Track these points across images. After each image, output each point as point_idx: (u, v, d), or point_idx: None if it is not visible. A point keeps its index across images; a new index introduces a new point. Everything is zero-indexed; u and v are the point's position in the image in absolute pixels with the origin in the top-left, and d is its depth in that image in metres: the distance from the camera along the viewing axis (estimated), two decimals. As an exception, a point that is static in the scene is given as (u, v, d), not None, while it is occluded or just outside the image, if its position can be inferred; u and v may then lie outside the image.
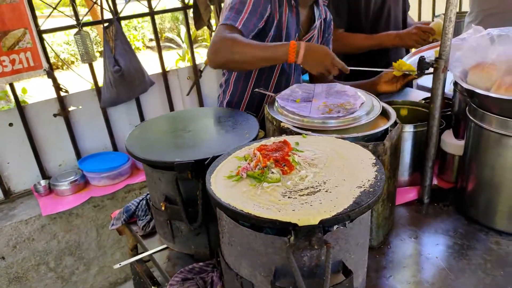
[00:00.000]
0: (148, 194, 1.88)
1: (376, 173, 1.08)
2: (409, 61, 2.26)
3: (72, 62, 9.80)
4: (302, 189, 1.04)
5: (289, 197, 1.01)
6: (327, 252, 0.94)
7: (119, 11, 3.08)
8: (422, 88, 2.46)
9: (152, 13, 3.30)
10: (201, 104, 3.69)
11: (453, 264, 1.43)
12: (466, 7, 4.05)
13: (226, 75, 2.22)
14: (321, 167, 1.13)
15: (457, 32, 3.95)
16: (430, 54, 2.25)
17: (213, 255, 1.47)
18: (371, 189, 1.01)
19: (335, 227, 1.01)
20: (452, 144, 1.79)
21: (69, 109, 3.09)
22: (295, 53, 1.72)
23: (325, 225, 0.93)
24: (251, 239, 1.02)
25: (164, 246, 1.62)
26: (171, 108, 3.53)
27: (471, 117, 1.55)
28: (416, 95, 2.35)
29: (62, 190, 2.95)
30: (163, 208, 1.41)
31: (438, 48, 1.76)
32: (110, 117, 3.26)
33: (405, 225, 1.63)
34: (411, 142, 1.73)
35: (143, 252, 1.82)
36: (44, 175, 3.08)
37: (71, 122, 3.11)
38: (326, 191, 1.02)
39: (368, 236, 1.15)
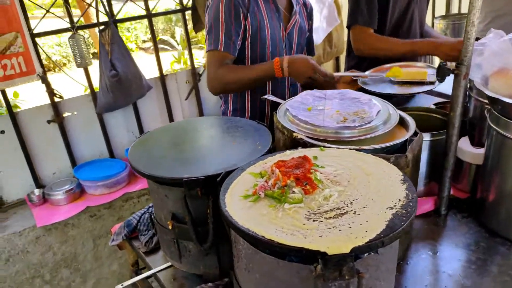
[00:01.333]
0: (150, 207, 1.78)
1: (407, 191, 1.00)
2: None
3: (64, 64, 9.64)
4: (327, 211, 0.95)
5: (314, 220, 0.92)
6: (359, 282, 0.85)
7: (115, 13, 2.97)
8: (431, 92, 2.38)
9: (149, 16, 3.20)
10: (200, 108, 3.59)
11: (477, 281, 1.35)
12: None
13: None
14: (345, 185, 1.04)
15: (458, 33, 3.88)
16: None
17: (222, 276, 1.37)
18: (403, 211, 0.93)
19: (366, 254, 0.92)
20: (470, 153, 1.70)
21: (64, 115, 2.97)
22: (280, 69, 1.85)
23: (357, 253, 0.84)
24: (273, 267, 0.93)
25: (169, 264, 1.53)
26: (170, 113, 3.43)
27: (493, 125, 1.47)
28: (425, 100, 2.28)
29: (57, 200, 2.84)
30: (170, 227, 1.31)
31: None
32: (106, 123, 3.15)
33: (423, 239, 1.55)
34: (427, 151, 1.65)
35: (145, 268, 1.73)
36: (38, 184, 2.96)
37: (66, 129, 3.00)
38: (354, 213, 0.94)
39: (397, 259, 1.07)
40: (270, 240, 0.87)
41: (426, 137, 1.63)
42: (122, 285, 1.54)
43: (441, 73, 1.44)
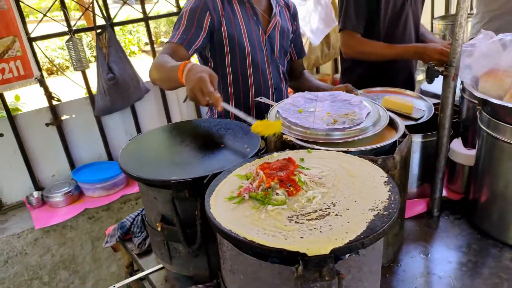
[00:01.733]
0: (144, 209, 1.79)
1: (390, 193, 1.00)
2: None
3: (67, 67, 9.68)
4: (310, 213, 0.96)
5: (296, 222, 0.93)
6: (339, 283, 0.86)
7: (112, 16, 2.99)
8: (425, 93, 2.38)
9: (146, 19, 3.22)
10: (198, 111, 3.61)
11: (467, 284, 1.34)
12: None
13: None
14: (329, 187, 1.05)
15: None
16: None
17: (213, 277, 1.38)
18: (385, 212, 0.93)
19: (347, 255, 0.92)
20: (462, 154, 1.71)
21: (62, 118, 3.00)
22: (182, 73, 1.53)
23: (337, 254, 0.85)
24: (256, 268, 0.94)
25: (161, 265, 1.53)
26: (168, 116, 3.45)
27: (483, 127, 1.47)
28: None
29: (56, 202, 2.86)
30: (159, 228, 1.32)
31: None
32: (104, 126, 3.17)
33: (415, 240, 1.55)
34: (419, 153, 1.66)
35: (138, 270, 1.74)
36: (37, 186, 2.99)
37: (64, 132, 3.02)
38: (336, 215, 0.94)
39: (381, 260, 1.07)
40: (252, 241, 0.88)
41: (418, 138, 1.63)
42: (114, 286, 1.54)
43: (430, 75, 1.44)
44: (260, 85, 2.08)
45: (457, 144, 1.75)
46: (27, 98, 5.17)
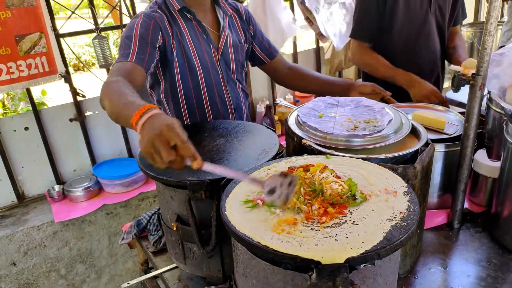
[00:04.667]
0: (160, 208, 1.80)
1: (409, 203, 0.98)
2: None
3: (93, 64, 9.86)
4: (326, 220, 0.94)
5: (311, 229, 0.91)
6: (353, 293, 0.84)
7: (138, 15, 3.02)
8: (451, 101, 2.33)
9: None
10: (218, 111, 3.61)
11: (486, 299, 1.31)
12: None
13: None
14: (346, 194, 1.03)
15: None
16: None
17: (226, 279, 1.38)
18: (403, 223, 0.91)
19: (362, 265, 0.90)
20: (486, 165, 1.66)
21: (86, 114, 3.04)
22: (140, 117, 1.13)
23: (352, 264, 0.83)
24: (268, 273, 0.93)
25: (175, 265, 1.54)
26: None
27: (509, 138, 1.43)
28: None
29: (76, 196, 2.90)
30: (174, 228, 1.32)
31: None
32: (126, 123, 3.20)
33: (433, 252, 1.52)
34: (442, 163, 1.62)
35: (153, 268, 1.75)
36: (59, 180, 3.04)
37: (87, 127, 3.07)
38: (353, 223, 0.93)
39: (398, 272, 1.05)
40: (266, 246, 0.87)
41: (441, 147, 1.59)
42: (128, 283, 1.56)
43: (456, 83, 1.40)
44: (218, 108, 1.93)
45: (481, 155, 1.71)
46: (54, 93, 5.29)
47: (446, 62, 2.58)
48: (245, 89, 2.07)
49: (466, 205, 1.68)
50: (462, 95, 1.68)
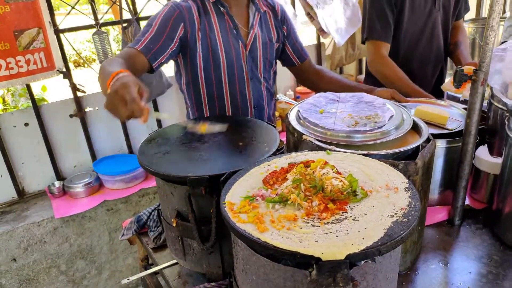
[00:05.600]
0: (160, 204, 1.80)
1: (410, 199, 0.97)
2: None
3: (94, 60, 9.84)
4: (326, 216, 0.93)
5: (312, 225, 0.91)
6: (354, 290, 0.83)
7: (138, 11, 3.01)
8: (452, 98, 2.32)
9: (171, 14, 3.23)
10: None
11: (487, 296, 1.30)
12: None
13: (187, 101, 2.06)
14: (347, 190, 1.02)
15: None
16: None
17: (226, 276, 1.37)
18: (404, 219, 0.90)
19: (362, 261, 0.90)
20: (487, 162, 1.66)
21: (86, 110, 3.04)
22: (111, 81, 1.29)
23: (352, 260, 0.82)
24: (268, 269, 0.92)
25: (175, 261, 1.53)
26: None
27: (511, 135, 1.42)
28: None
29: (76, 192, 2.90)
30: (174, 224, 1.32)
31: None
32: (126, 119, 3.20)
33: (434, 249, 1.51)
34: (443, 159, 1.60)
35: (153, 265, 1.74)
36: (59, 176, 3.04)
37: (87, 123, 3.06)
38: (353, 219, 0.92)
39: (398, 268, 1.04)
40: (265, 242, 0.86)
41: (442, 144, 1.58)
42: (128, 279, 1.56)
43: (458, 79, 1.39)
44: (238, 104, 1.96)
45: (483, 152, 1.70)
46: (55, 89, 5.28)
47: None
48: (271, 88, 2.09)
49: (467, 201, 1.67)
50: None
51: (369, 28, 2.29)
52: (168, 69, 3.37)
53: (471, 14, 4.55)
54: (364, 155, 1.22)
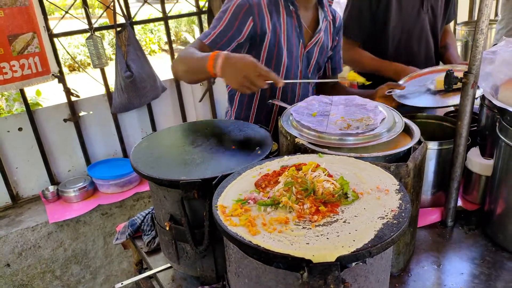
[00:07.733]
0: (154, 208, 1.80)
1: (400, 201, 0.98)
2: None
3: (89, 64, 9.82)
4: (317, 218, 0.94)
5: (303, 227, 0.91)
6: (345, 292, 0.84)
7: (132, 15, 3.02)
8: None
9: (165, 18, 3.24)
10: (213, 110, 3.61)
11: (480, 296, 1.31)
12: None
13: (230, 90, 2.11)
14: (338, 193, 1.03)
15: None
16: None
17: (219, 279, 1.37)
18: (394, 221, 0.91)
19: (353, 263, 0.90)
20: (479, 163, 1.67)
21: (80, 114, 3.03)
22: (212, 64, 1.54)
23: (343, 262, 0.83)
24: (260, 272, 0.92)
25: (169, 265, 1.53)
26: (183, 115, 3.46)
27: (502, 136, 1.43)
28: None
29: (70, 197, 2.90)
30: (167, 228, 1.32)
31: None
32: (121, 123, 3.20)
33: (427, 250, 1.52)
34: (435, 161, 1.62)
35: (147, 269, 1.74)
36: (53, 180, 3.03)
37: (81, 128, 3.06)
38: (344, 222, 0.92)
39: (390, 270, 1.05)
40: (257, 245, 0.86)
41: (434, 145, 1.60)
42: (122, 283, 1.55)
43: (448, 81, 1.40)
44: (287, 98, 2.03)
45: (474, 153, 1.71)
46: (49, 94, 5.27)
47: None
48: (313, 90, 2.17)
49: (459, 203, 1.68)
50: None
51: (345, 28, 2.34)
52: (163, 73, 3.39)
53: (463, 17, 4.59)
54: (356, 157, 1.23)
